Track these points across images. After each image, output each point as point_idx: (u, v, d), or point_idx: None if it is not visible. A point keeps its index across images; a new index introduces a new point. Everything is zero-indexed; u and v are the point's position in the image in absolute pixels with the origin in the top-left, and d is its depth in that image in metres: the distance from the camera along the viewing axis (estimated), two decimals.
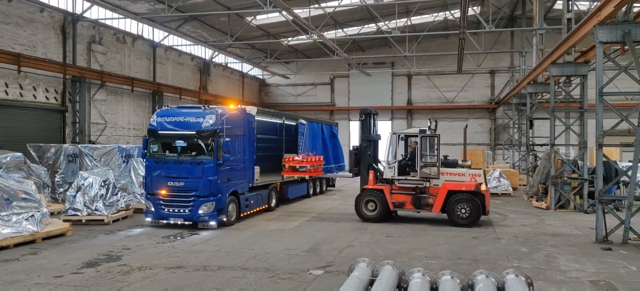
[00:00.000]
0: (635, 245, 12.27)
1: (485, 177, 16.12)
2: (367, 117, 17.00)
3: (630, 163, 13.13)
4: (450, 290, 5.92)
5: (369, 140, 16.81)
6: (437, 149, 15.97)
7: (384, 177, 16.20)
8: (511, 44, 37.44)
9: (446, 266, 9.78)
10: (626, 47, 12.88)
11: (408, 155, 16.48)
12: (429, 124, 16.36)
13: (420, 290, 5.92)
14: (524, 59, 32.65)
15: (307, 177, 20.68)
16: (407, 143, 16.82)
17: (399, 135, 16.59)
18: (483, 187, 15.42)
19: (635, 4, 12.70)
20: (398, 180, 15.95)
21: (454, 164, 16.34)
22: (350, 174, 18.32)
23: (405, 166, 16.13)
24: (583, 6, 25.44)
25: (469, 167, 16.54)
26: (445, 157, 16.42)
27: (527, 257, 11.20)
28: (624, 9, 12.27)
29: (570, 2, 19.12)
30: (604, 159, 13.25)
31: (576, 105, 20.46)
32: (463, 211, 15.19)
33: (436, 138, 16.06)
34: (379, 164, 16.88)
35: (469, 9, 22.33)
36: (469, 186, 15.33)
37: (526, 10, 32.67)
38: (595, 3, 13.96)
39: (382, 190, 15.90)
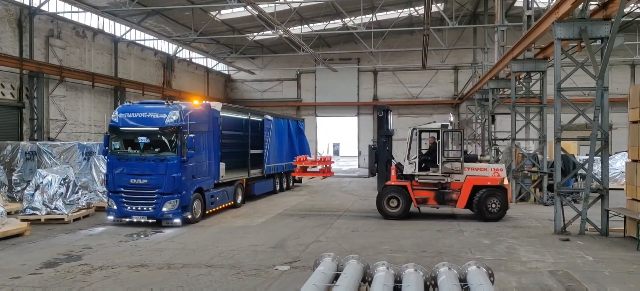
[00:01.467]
0: (591, 236, 12.69)
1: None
2: (385, 113, 16.49)
3: (587, 157, 13.57)
4: (413, 283, 6.00)
5: (387, 135, 16.34)
6: (460, 144, 15.93)
7: (405, 173, 15.80)
8: (474, 41, 38.20)
9: (411, 259, 9.88)
10: (583, 44, 13.29)
11: (426, 151, 16.24)
12: (451, 119, 16.50)
13: (385, 283, 5.97)
14: (486, 56, 33.34)
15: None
16: (420, 138, 16.57)
17: (419, 130, 16.30)
18: (505, 182, 15.53)
19: (591, 2, 13.08)
20: (419, 176, 15.58)
21: (474, 159, 16.45)
22: (368, 174, 17.80)
23: (424, 161, 15.80)
24: (542, 4, 26.11)
25: (488, 161, 16.59)
26: (465, 151, 16.42)
27: (489, 249, 11.45)
28: (580, 6, 12.64)
29: (530, 0, 19.59)
30: (562, 153, 13.64)
31: (536, 101, 21.00)
32: (493, 205, 15.17)
33: (459, 134, 16.14)
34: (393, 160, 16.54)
35: (433, 5, 22.60)
36: (494, 180, 15.32)
37: (488, 7, 33.30)
38: (554, 1, 14.33)
39: (406, 187, 15.56)
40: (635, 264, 9.89)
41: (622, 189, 15.54)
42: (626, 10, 13.87)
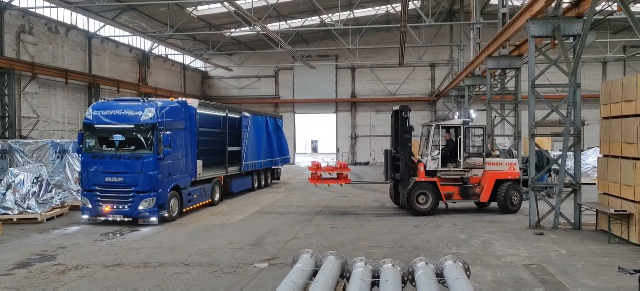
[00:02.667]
0: (564, 230, 12.94)
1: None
2: (407, 112, 16.24)
3: (560, 152, 13.82)
4: (391, 278, 6.03)
5: (410, 132, 16.09)
6: (483, 140, 16.50)
7: (428, 168, 15.86)
8: (450, 38, 38.55)
9: (388, 255, 9.98)
10: (556, 42, 13.53)
11: (443, 146, 16.51)
12: (473, 115, 16.52)
13: (362, 279, 5.99)
14: (462, 53, 33.71)
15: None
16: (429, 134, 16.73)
17: (440, 126, 16.52)
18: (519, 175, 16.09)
19: (564, 0, 13.32)
20: (441, 171, 15.83)
21: (489, 154, 16.81)
22: (385, 179, 16.94)
23: (444, 157, 16.07)
24: (517, 2, 26.46)
25: (498, 156, 17.00)
26: (479, 147, 16.88)
27: (466, 244, 11.59)
28: (553, 4, 12.86)
29: None
30: (536, 148, 13.87)
31: (511, 97, 21.32)
32: (515, 198, 15.68)
33: (482, 129, 16.63)
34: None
35: (410, 2, 22.75)
36: (514, 174, 15.83)
37: (464, 4, 33.67)
38: None
39: (435, 182, 15.63)
40: (606, 257, 10.12)
41: (594, 184, 15.86)
42: (597, 8, 14.17)
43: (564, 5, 13.42)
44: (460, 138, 15.82)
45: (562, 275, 8.79)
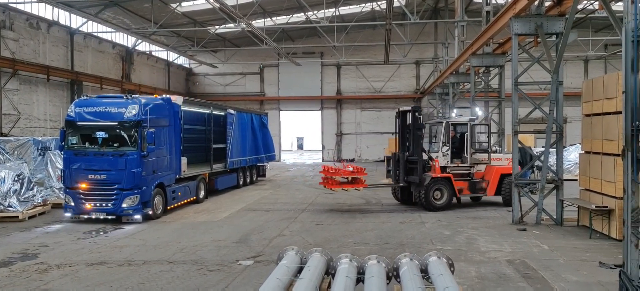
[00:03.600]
0: (547, 225, 13.11)
1: None
2: (420, 111, 16.53)
3: (543, 149, 13.99)
4: (376, 274, 6.06)
5: (422, 130, 16.28)
6: (488, 136, 16.99)
7: (440, 165, 16.16)
8: (435, 36, 38.76)
9: (373, 251, 10.00)
10: (539, 39, 13.68)
11: (450, 143, 16.71)
12: (479, 113, 16.79)
13: (348, 275, 6.02)
14: (447, 50, 33.90)
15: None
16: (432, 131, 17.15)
17: (450, 123, 16.78)
18: None
19: None
20: (450, 167, 16.21)
21: (486, 150, 17.23)
22: (390, 181, 16.93)
23: (452, 153, 16.49)
24: (501, 0, 26.70)
25: (495, 151, 17.47)
26: (480, 144, 17.24)
27: (450, 240, 11.68)
28: (536, 2, 12.99)
29: None
30: (520, 145, 14.01)
31: (494, 94, 21.53)
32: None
33: (487, 126, 17.12)
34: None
35: (395, 0, 22.82)
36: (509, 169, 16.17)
37: (449, 2, 33.87)
38: None
39: (449, 178, 15.93)
40: (588, 252, 10.27)
41: (576, 180, 16.10)
42: (579, 6, 14.35)
43: (547, 4, 13.57)
44: (466, 134, 16.36)
45: (545, 270, 8.90)
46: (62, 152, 14.56)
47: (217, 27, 33.83)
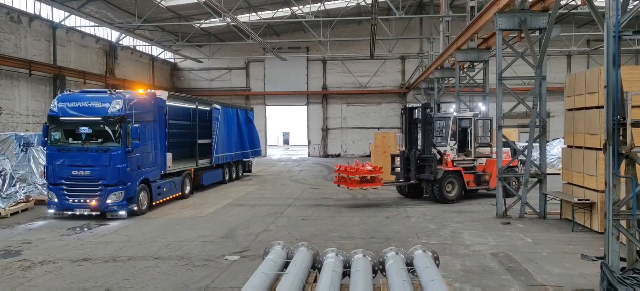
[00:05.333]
0: (530, 219, 13.27)
1: None
2: (431, 108, 16.90)
3: (527, 143, 14.14)
4: (362, 268, 6.09)
5: (432, 125, 16.53)
6: (490, 131, 17.46)
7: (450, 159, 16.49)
8: (420, 31, 38.92)
9: (360, 245, 10.07)
10: (523, 35, 13.80)
11: (457, 137, 17.08)
12: (483, 109, 17.83)
13: (334, 269, 6.04)
14: (432, 46, 34.07)
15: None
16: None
17: (458, 118, 17.11)
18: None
19: None
20: (457, 161, 16.56)
21: (489, 144, 17.59)
22: (402, 180, 16.95)
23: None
24: None
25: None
26: (481, 137, 17.64)
27: (435, 234, 11.78)
28: None
29: None
30: (504, 139, 14.15)
31: (479, 89, 21.67)
32: (514, 183, 16.51)
33: (489, 121, 17.60)
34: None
35: None
36: (513, 163, 16.54)
37: None
38: None
39: (459, 171, 16.24)
40: (570, 245, 10.42)
41: (559, 174, 16.31)
42: (562, 2, 14.50)
43: (530, 0, 13.69)
44: (470, 129, 16.81)
45: (528, 263, 9.02)
46: (45, 148, 14.39)
47: (202, 21, 33.60)
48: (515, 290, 7.66)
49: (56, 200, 13.95)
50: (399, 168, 17.30)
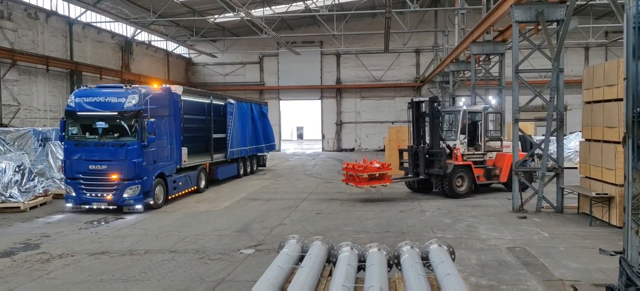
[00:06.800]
0: (547, 213, 13.13)
1: None
2: (439, 102, 16.86)
3: (543, 137, 13.98)
4: (377, 262, 6.07)
5: (440, 119, 16.47)
6: (500, 125, 17.44)
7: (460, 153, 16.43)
8: (435, 24, 38.61)
9: (374, 240, 10.04)
10: (539, 27, 13.62)
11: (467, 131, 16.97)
12: (493, 102, 17.62)
13: (349, 263, 6.02)
14: (447, 38, 33.77)
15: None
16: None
17: (468, 112, 16.93)
18: None
19: None
20: (467, 155, 16.46)
21: (499, 138, 17.50)
22: (410, 176, 16.73)
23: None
24: None
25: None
26: (491, 131, 17.57)
27: (450, 228, 11.71)
28: None
29: None
30: (520, 133, 14.01)
31: (495, 83, 21.47)
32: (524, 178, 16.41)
33: (500, 115, 17.58)
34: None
35: None
36: (521, 155, 16.37)
37: None
38: None
39: (469, 165, 16.12)
40: (588, 239, 10.30)
41: (576, 168, 16.13)
42: None
43: None
44: (480, 122, 16.63)
45: (545, 258, 8.93)
46: (63, 143, 14.58)
47: (216, 16, 33.71)
48: (532, 285, 7.59)
49: (74, 194, 14.14)
50: (407, 164, 17.09)
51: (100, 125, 14.04)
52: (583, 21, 32.65)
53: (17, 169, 14.94)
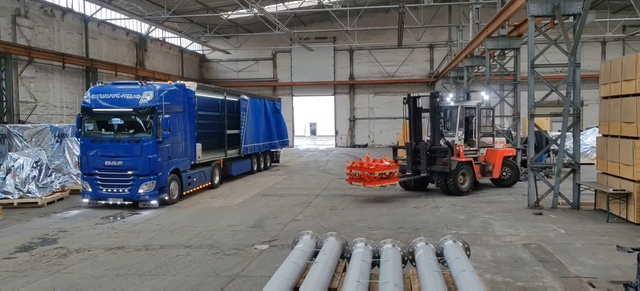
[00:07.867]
0: (563, 209, 13.00)
1: None
2: (441, 97, 16.46)
3: (559, 132, 13.83)
4: (391, 258, 6.05)
5: (441, 113, 16.40)
6: (492, 120, 17.58)
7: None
8: (449, 19, 38.27)
9: (388, 235, 10.02)
10: (556, 21, 13.45)
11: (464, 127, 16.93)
12: (485, 98, 17.77)
13: (363, 259, 6.02)
14: (461, 33, 33.50)
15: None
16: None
17: (464, 108, 16.73)
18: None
19: None
20: (464, 151, 16.36)
21: (491, 134, 17.54)
22: (410, 174, 16.20)
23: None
24: None
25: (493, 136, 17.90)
26: (483, 127, 17.62)
27: (465, 224, 11.64)
28: None
29: None
30: (536, 129, 13.87)
31: (510, 78, 21.28)
32: (512, 173, 16.84)
33: (492, 111, 17.67)
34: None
35: None
36: (512, 151, 16.93)
37: None
38: None
39: (471, 162, 16.05)
40: (605, 236, 10.18)
41: (593, 164, 15.94)
42: None
43: None
44: (475, 118, 16.45)
45: (561, 254, 8.85)
46: (79, 139, 14.75)
47: (229, 12, 33.80)
48: (548, 282, 7.52)
49: (90, 189, 14.30)
50: (401, 161, 16.58)
51: (116, 121, 14.17)
52: (600, 15, 32.20)
53: (34, 165, 15.14)
